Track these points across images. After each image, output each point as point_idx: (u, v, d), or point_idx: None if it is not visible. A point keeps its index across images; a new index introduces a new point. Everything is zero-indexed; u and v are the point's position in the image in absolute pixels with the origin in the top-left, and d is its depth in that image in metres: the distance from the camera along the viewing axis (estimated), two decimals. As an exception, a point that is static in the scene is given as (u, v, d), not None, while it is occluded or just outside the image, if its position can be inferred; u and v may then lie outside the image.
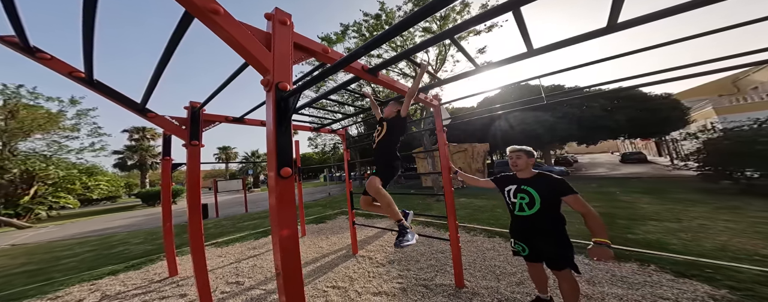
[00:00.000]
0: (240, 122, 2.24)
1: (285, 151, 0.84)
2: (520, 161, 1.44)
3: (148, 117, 1.71)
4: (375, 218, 5.20)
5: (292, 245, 0.81)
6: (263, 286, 2.31)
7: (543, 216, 1.34)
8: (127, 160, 25.65)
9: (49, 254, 4.60)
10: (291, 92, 0.85)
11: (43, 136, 12.85)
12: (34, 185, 13.30)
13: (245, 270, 2.73)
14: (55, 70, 1.26)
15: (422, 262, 2.58)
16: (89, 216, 13.40)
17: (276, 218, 0.80)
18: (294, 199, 0.85)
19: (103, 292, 2.42)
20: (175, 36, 0.93)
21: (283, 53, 0.89)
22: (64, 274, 3.13)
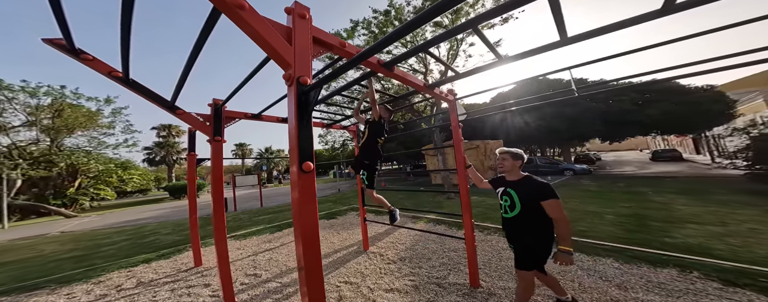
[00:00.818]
0: (258, 118, 2.30)
1: (306, 145, 0.84)
2: (505, 162, 1.45)
3: (177, 114, 1.81)
4: (385, 215, 5.19)
5: (314, 240, 0.82)
6: (279, 279, 2.40)
7: (524, 219, 1.35)
8: (155, 156, 27.86)
9: (92, 241, 5.11)
10: (312, 86, 0.85)
11: (84, 133, 14.17)
12: (78, 177, 14.88)
13: (262, 263, 2.86)
14: (96, 70, 1.36)
15: (434, 260, 2.55)
16: (124, 207, 14.81)
17: (298, 213, 0.81)
18: (315, 194, 0.85)
19: (139, 279, 2.64)
20: (203, 32, 0.95)
21: (304, 47, 0.89)
22: (105, 260, 3.46)
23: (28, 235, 6.91)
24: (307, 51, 0.90)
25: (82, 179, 15.02)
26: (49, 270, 3.24)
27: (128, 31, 1.02)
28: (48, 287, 2.57)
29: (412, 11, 8.45)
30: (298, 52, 0.86)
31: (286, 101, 2.14)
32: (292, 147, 0.84)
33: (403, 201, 7.31)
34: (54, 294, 2.39)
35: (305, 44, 0.89)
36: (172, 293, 2.21)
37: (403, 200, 7.65)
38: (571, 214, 4.13)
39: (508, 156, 1.44)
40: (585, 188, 7.16)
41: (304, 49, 0.88)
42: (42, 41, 1.17)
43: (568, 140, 13.85)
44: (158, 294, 2.21)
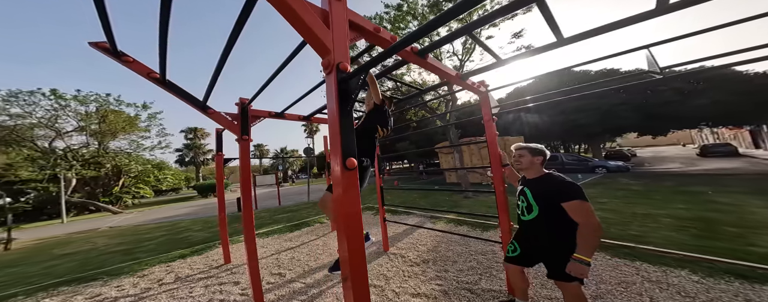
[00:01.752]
0: (281, 117, 2.31)
1: (349, 139, 0.76)
2: (523, 159, 1.30)
3: (208, 113, 1.84)
4: (403, 215, 5.13)
5: (360, 249, 0.73)
6: (303, 279, 2.40)
7: (544, 224, 1.17)
8: (185, 157, 30.40)
9: (135, 236, 5.60)
10: (353, 73, 0.78)
11: (125, 136, 15.73)
12: (122, 177, 16.57)
13: (285, 262, 2.88)
14: (135, 71, 1.40)
15: (461, 263, 2.41)
16: (160, 205, 16.18)
17: (343, 220, 0.72)
18: (359, 195, 0.77)
19: (176, 274, 2.78)
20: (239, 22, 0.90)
21: (341, 31, 0.82)
22: (148, 255, 3.73)
23: (83, 229, 7.79)
24: (344, 35, 0.82)
25: (125, 178, 16.73)
26: (101, 262, 3.57)
27: (165, 35, 1.04)
28: (101, 278, 2.81)
29: (426, 4, 8.12)
30: (336, 36, 0.79)
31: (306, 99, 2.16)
32: (333, 142, 0.76)
33: (418, 200, 7.14)
34: (106, 285, 2.59)
35: (342, 28, 0.82)
36: (206, 289, 2.30)
37: (417, 199, 7.48)
38: (616, 216, 3.70)
39: (526, 152, 1.29)
40: (625, 187, 6.46)
41: (341, 33, 0.81)
42: (88, 44, 1.22)
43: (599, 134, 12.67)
44: (194, 290, 2.30)
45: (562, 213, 1.09)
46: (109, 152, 15.03)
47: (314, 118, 2.60)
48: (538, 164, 1.26)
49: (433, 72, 1.46)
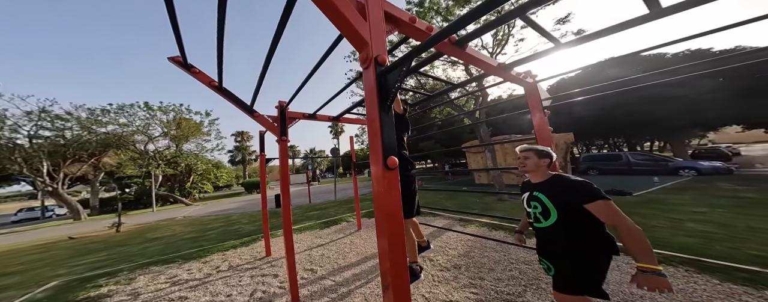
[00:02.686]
0: (313, 118, 2.44)
1: (390, 136, 0.72)
2: (529, 162, 1.20)
3: (254, 116, 2.04)
4: (429, 217, 4.95)
5: (402, 258, 0.68)
6: (333, 277, 2.47)
7: (564, 230, 1.04)
8: (235, 157, 35.70)
9: (200, 226, 6.72)
10: (391, 66, 0.73)
11: (193, 140, 19.20)
12: (192, 175, 20.31)
13: (316, 259, 3.02)
14: (200, 81, 1.64)
15: (499, 272, 2.19)
16: (217, 199, 19.13)
17: (384, 221, 0.68)
18: (400, 198, 0.71)
19: (229, 263, 3.17)
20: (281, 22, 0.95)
21: (378, 22, 0.79)
22: (209, 243, 4.38)
23: (165, 218, 9.72)
24: (381, 27, 0.79)
25: (194, 176, 20.47)
26: (178, 247, 4.33)
27: (221, 48, 1.17)
28: (177, 262, 3.40)
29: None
30: (373, 27, 0.76)
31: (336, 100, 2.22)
32: (373, 140, 0.72)
33: (444, 202, 6.78)
34: (180, 268, 3.12)
35: (379, 20, 0.79)
36: (251, 279, 2.55)
37: (442, 200, 7.13)
38: (724, 230, 2.89)
39: (532, 154, 1.19)
40: (731, 194, 4.99)
41: (378, 25, 0.78)
42: (167, 60, 1.49)
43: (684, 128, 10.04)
44: (242, 279, 2.57)
45: (582, 216, 0.98)
46: (182, 153, 18.61)
47: (343, 118, 2.69)
48: (544, 166, 1.17)
49: (472, 63, 1.32)
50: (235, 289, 2.34)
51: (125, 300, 2.26)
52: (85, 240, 6.12)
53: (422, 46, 0.73)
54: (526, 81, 1.67)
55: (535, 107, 1.67)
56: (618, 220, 0.91)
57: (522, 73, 1.65)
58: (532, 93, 1.67)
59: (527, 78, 1.67)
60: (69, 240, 6.27)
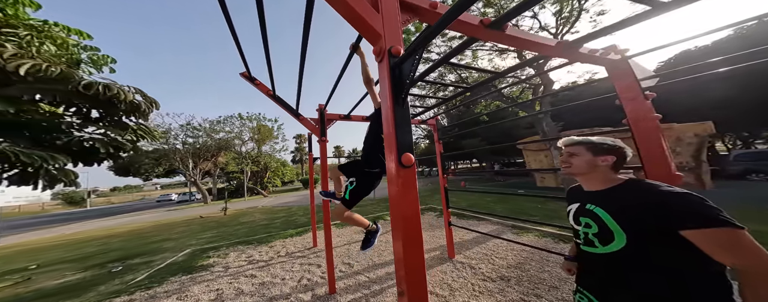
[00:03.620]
0: (348, 119, 2.57)
1: (405, 132, 0.68)
2: (575, 160, 0.80)
3: (300, 119, 2.33)
4: (473, 221, 4.49)
5: (419, 264, 0.62)
6: (367, 273, 2.56)
7: (638, 265, 0.64)
8: (296, 157, 42.88)
9: (271, 215, 8.39)
10: (405, 56, 0.69)
11: (267, 143, 24.25)
12: (267, 171, 25.74)
13: (354, 254, 3.21)
14: (261, 91, 1.99)
15: (566, 291, 1.81)
16: (283, 193, 23.53)
17: (400, 224, 0.63)
18: (418, 195, 0.67)
19: (287, 249, 3.78)
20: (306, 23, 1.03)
21: (392, 13, 0.76)
22: (276, 230, 5.38)
23: (250, 206, 12.63)
24: (395, 17, 0.75)
25: (269, 172, 25.92)
26: (256, 231, 5.53)
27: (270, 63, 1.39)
28: (253, 244, 4.32)
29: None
30: (386, 18, 0.73)
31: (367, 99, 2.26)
32: (388, 136, 0.70)
33: (492, 205, 5.95)
34: (254, 249, 3.93)
35: (392, 10, 0.76)
36: (300, 266, 2.97)
37: (491, 203, 6.27)
38: None
39: (582, 149, 0.81)
40: None
41: (392, 16, 0.75)
42: (240, 75, 1.87)
43: None
44: (294, 265, 3.03)
45: (675, 247, 0.61)
46: (262, 154, 23.93)
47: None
48: (605, 168, 0.77)
49: (519, 47, 1.06)
50: (288, 273, 2.77)
51: (220, 271, 3.01)
52: (207, 219, 8.70)
53: (432, 29, 0.63)
54: (609, 59, 1.23)
55: (626, 90, 1.21)
56: (753, 258, 0.53)
57: (600, 50, 1.24)
58: (621, 73, 1.23)
59: (610, 55, 1.23)
60: (199, 219, 9.06)
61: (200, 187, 19.62)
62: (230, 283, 2.57)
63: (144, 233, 6.92)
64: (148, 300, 2.32)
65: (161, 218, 10.64)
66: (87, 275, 3.33)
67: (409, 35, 7.89)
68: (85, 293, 2.63)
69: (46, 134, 2.80)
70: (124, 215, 14.65)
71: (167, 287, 2.59)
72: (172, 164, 18.64)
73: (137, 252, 4.47)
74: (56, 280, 3.21)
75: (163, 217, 11.20)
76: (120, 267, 3.56)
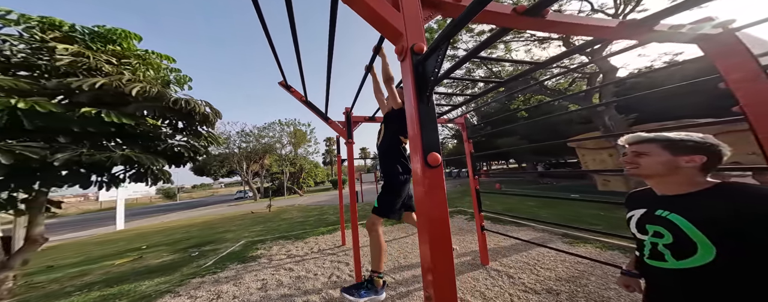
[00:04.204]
0: (372, 120, 2.64)
1: (430, 131, 0.66)
2: (643, 160, 0.66)
3: (329, 123, 2.49)
4: (510, 226, 4.05)
5: (447, 269, 0.59)
6: (393, 275, 2.55)
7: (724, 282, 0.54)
8: (326, 159, 46.25)
9: (305, 213, 9.18)
10: (428, 53, 0.67)
11: (302, 146, 26.94)
12: (303, 172, 28.47)
13: None
14: (295, 97, 2.20)
15: None
16: (314, 192, 25.56)
17: (427, 226, 0.61)
18: (445, 198, 0.63)
19: (319, 246, 4.05)
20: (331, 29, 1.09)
21: (413, 11, 0.75)
22: (310, 227, 5.85)
23: (289, 204, 14.09)
24: (417, 14, 0.74)
25: (304, 173, 28.65)
26: (293, 227, 6.13)
27: (302, 71, 1.54)
28: (291, 239, 4.79)
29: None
30: (408, 17, 0.73)
31: None
32: (412, 135, 0.67)
33: (536, 210, 5.22)
34: (292, 244, 4.34)
35: (414, 8, 0.75)
36: (331, 263, 3.14)
37: (533, 208, 5.51)
38: None
39: (657, 146, 0.63)
40: None
41: (413, 13, 0.74)
42: (278, 84, 2.11)
43: None
44: (325, 262, 3.22)
45: None
46: (298, 156, 26.68)
47: None
48: (691, 168, 0.61)
49: (565, 32, 0.92)
50: (319, 269, 2.96)
51: (265, 262, 3.40)
52: (257, 214, 10.08)
53: (456, 22, 0.59)
54: (705, 34, 0.96)
55: (736, 70, 0.94)
56: None
57: (686, 25, 0.98)
58: (726, 50, 0.95)
59: (705, 29, 0.95)
60: (251, 214, 10.57)
61: (251, 186, 23.06)
62: (272, 274, 2.88)
63: (213, 224, 8.45)
64: (214, 283, 2.77)
65: (225, 212, 12.84)
66: (175, 257, 4.21)
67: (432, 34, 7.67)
68: (173, 272, 3.31)
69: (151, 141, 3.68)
70: (200, 208, 18.24)
71: (226, 273, 3.05)
72: (231, 165, 22.44)
73: (208, 240, 5.46)
74: (157, 259, 4.18)
75: (226, 211, 13.46)
76: (196, 252, 4.41)
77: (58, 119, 2.57)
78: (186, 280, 2.92)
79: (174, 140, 3.90)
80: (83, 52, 3.17)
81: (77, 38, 3.34)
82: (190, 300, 2.37)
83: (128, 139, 3.33)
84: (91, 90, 2.83)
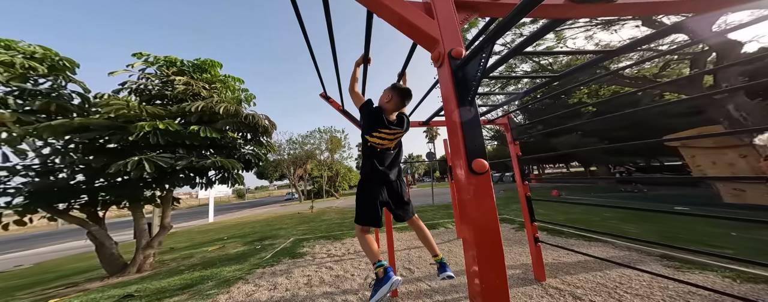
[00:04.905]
0: None
1: (474, 136, 0.62)
2: None
3: None
4: (574, 239, 3.37)
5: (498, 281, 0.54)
6: (428, 282, 2.43)
7: None
8: (358, 164, 48.60)
9: (341, 215, 9.74)
10: (468, 57, 0.65)
11: (337, 151, 28.87)
12: (338, 176, 30.64)
13: (414, 260, 3.14)
14: (334, 107, 2.39)
15: None
16: (349, 195, 26.96)
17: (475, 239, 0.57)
18: (495, 208, 0.59)
19: (356, 248, 4.20)
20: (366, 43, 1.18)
21: (447, 16, 0.74)
22: (346, 229, 6.17)
23: (328, 206, 15.25)
24: (452, 19, 0.73)
25: (339, 177, 30.88)
26: (332, 228, 6.56)
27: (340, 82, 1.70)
28: (331, 239, 5.13)
29: None
30: (442, 22, 0.72)
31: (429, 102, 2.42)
32: (453, 142, 0.65)
33: (618, 224, 4.13)
34: (331, 244, 4.63)
35: (448, 13, 0.74)
36: (366, 265, 3.21)
37: (611, 220, 4.38)
38: None
39: None
40: None
41: (448, 19, 0.73)
42: (319, 96, 2.34)
43: None
44: (361, 263, 3.30)
45: None
46: (334, 161, 29.02)
47: (433, 122, 2.66)
48: None
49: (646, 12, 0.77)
50: (356, 270, 3.05)
51: (310, 260, 3.71)
52: (302, 215, 11.32)
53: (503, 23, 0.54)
54: None
55: None
56: None
57: None
58: None
59: None
60: (297, 214, 11.94)
61: (296, 188, 26.24)
62: (316, 271, 3.13)
63: (270, 221, 9.90)
64: (271, 274, 3.18)
65: (278, 212, 14.90)
66: (245, 249, 5.05)
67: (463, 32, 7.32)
68: (244, 262, 3.96)
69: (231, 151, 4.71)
70: (261, 207, 21.77)
71: (280, 267, 3.47)
72: (282, 170, 26.04)
73: (267, 236, 6.41)
74: (233, 249, 5.11)
75: (278, 211, 15.61)
76: (259, 246, 5.23)
77: (179, 135, 3.61)
78: (253, 270, 3.43)
79: (245, 149, 4.87)
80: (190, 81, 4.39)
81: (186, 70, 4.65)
82: (256, 287, 2.77)
83: (217, 149, 4.36)
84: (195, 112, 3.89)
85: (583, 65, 0.81)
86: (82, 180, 3.49)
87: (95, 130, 3.22)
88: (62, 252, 8.58)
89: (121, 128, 3.37)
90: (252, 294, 2.59)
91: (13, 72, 3.22)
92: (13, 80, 3.27)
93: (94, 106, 3.83)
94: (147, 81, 4.42)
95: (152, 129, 3.29)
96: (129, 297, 2.81)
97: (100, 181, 3.57)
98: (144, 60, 4.41)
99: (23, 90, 3.44)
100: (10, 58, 3.19)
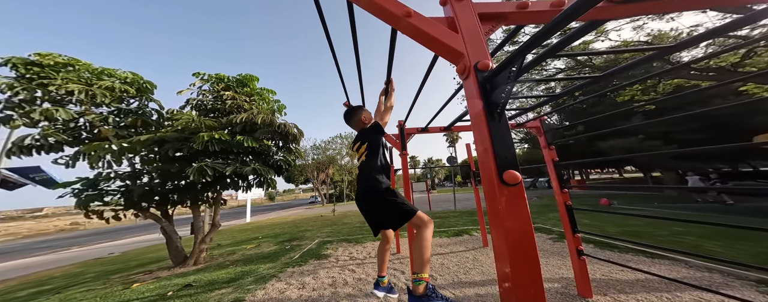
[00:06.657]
0: (425, 131, 2.68)
1: (505, 147, 0.62)
2: None
3: (384, 137, 2.64)
4: (631, 254, 2.90)
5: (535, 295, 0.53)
6: (453, 289, 2.33)
7: None
8: None
9: (361, 218, 9.84)
10: (497, 69, 0.64)
11: None
12: None
13: (436, 266, 3.03)
14: None
15: None
16: None
17: (509, 251, 0.55)
18: (529, 220, 0.57)
19: (375, 253, 4.32)
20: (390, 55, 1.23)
21: (472, 29, 0.74)
22: (367, 232, 6.25)
23: (348, 209, 15.61)
24: (476, 32, 0.73)
25: None
26: (353, 232, 6.71)
27: (362, 90, 1.82)
28: (352, 242, 5.24)
29: None
30: (467, 36, 0.73)
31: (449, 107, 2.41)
32: (483, 154, 0.65)
33: (694, 241, 3.38)
34: (353, 247, 4.73)
35: (472, 26, 0.74)
36: (389, 270, 3.28)
37: (685, 236, 3.62)
38: None
39: None
40: None
41: (472, 32, 0.73)
42: (343, 104, 2.40)
43: None
44: None
45: None
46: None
47: (455, 127, 2.66)
48: None
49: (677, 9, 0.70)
50: (376, 275, 3.18)
51: (334, 262, 3.83)
52: (325, 217, 11.83)
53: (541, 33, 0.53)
54: None
55: None
56: None
57: None
58: None
59: None
60: (320, 217, 12.50)
61: (319, 192, 27.56)
62: (339, 273, 3.22)
63: (297, 223, 10.57)
64: (299, 274, 3.36)
65: (303, 214, 15.82)
66: (277, 248, 5.45)
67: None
68: (276, 261, 4.25)
69: (266, 158, 5.28)
70: (289, 209, 23.36)
71: (307, 267, 3.65)
72: (307, 174, 27.78)
73: (296, 237, 6.84)
74: (267, 248, 5.54)
75: (304, 213, 16.54)
76: (289, 246, 5.62)
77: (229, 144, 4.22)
78: (284, 269, 3.67)
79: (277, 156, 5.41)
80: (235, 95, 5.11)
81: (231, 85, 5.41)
82: (287, 285, 2.96)
83: (255, 156, 4.94)
84: (240, 123, 4.51)
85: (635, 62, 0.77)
86: (157, 183, 4.28)
87: (170, 142, 3.96)
88: (141, 243, 10.32)
89: (187, 139, 4.09)
90: (284, 292, 2.78)
91: (113, 95, 4.14)
92: (113, 101, 4.22)
93: (167, 120, 4.73)
94: (203, 97, 5.29)
95: (210, 139, 3.92)
96: (189, 286, 3.24)
97: (168, 184, 4.34)
98: (200, 78, 5.31)
99: (120, 110, 4.42)
100: (111, 84, 4.10)
